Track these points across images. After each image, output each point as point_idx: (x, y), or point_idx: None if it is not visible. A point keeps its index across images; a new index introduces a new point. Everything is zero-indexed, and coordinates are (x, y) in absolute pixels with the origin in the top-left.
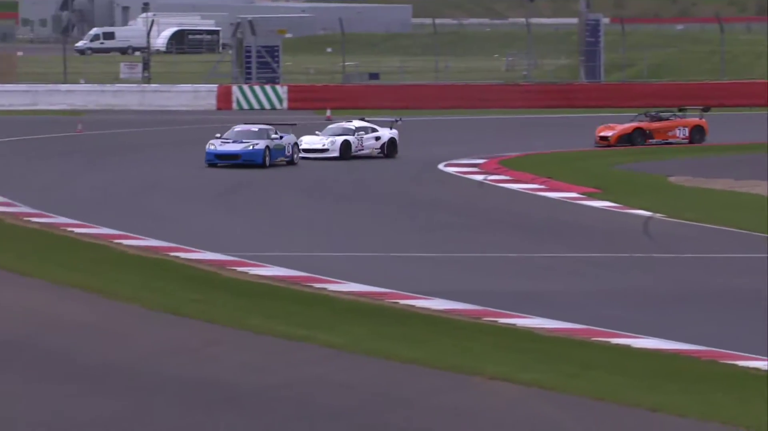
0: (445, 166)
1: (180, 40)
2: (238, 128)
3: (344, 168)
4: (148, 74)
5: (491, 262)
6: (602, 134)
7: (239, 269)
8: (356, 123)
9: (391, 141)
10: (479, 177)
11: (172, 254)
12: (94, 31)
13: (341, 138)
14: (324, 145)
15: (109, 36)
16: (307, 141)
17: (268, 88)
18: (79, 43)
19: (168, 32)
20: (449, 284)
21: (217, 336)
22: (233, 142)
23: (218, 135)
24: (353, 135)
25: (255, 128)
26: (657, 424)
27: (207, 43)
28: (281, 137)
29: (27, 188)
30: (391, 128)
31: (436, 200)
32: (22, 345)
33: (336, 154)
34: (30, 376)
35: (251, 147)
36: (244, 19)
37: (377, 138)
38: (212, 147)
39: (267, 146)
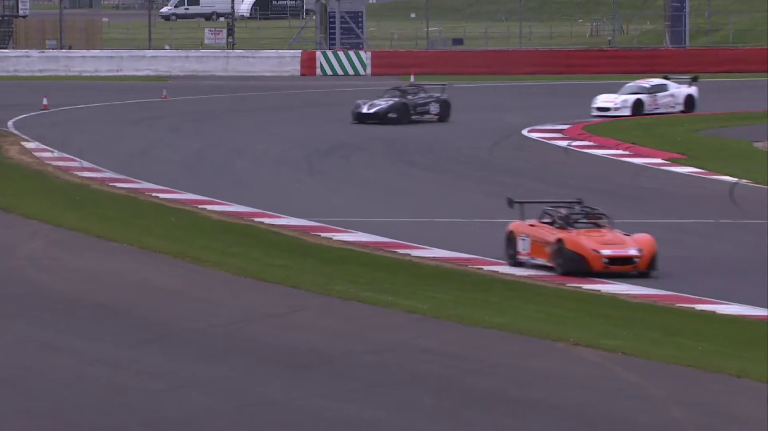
0: (529, 131)
1: (264, 6)
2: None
3: (432, 133)
4: (233, 40)
5: None
6: None
7: (323, 234)
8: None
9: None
10: (563, 143)
11: (257, 219)
12: None
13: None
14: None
15: (194, 2)
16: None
17: (351, 54)
18: (164, 9)
19: None
20: None
21: (302, 302)
22: None
23: None
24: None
25: None
26: (741, 390)
27: (291, 9)
28: None
29: (113, 154)
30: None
31: (520, 166)
32: (113, 311)
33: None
34: (122, 342)
35: None
36: None
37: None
38: None
39: None
